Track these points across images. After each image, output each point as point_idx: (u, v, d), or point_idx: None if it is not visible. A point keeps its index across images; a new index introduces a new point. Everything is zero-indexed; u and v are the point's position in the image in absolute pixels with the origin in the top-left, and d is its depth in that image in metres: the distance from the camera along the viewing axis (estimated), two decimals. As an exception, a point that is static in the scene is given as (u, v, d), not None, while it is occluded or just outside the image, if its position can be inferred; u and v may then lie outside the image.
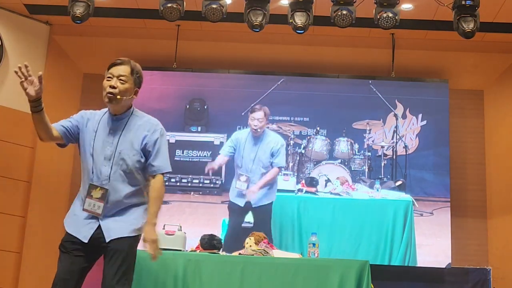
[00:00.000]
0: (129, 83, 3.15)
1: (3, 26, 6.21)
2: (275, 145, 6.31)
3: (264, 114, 6.36)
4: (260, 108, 6.40)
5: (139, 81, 3.23)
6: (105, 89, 3.11)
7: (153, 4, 5.61)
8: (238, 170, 6.34)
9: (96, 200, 3.06)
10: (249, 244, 4.17)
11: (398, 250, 6.21)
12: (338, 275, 3.80)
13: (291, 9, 5.27)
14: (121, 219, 3.09)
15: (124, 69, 3.17)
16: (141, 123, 3.19)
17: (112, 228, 3.06)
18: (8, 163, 6.08)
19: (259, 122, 6.32)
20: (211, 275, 3.84)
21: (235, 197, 6.33)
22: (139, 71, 3.25)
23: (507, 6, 5.74)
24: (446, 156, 6.57)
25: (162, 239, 4.08)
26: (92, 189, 3.07)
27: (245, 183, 6.26)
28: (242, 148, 6.34)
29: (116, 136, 3.12)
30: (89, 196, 3.07)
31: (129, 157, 3.11)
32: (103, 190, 3.06)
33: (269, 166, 6.30)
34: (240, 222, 6.29)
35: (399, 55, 6.58)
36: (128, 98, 3.15)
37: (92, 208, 3.06)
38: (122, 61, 3.20)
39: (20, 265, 5.99)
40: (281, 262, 3.93)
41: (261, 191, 6.28)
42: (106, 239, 3.04)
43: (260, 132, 6.35)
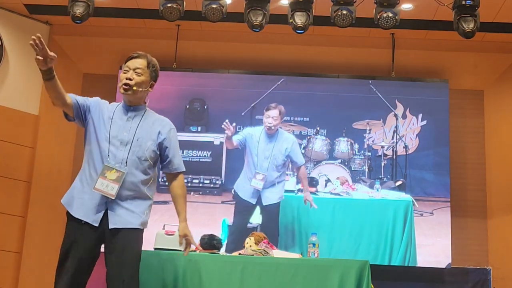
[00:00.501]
0: (145, 75, 3.26)
1: (3, 26, 6.21)
2: (289, 145, 6.23)
3: (279, 113, 6.31)
4: (275, 106, 6.33)
5: (155, 74, 3.35)
6: (122, 81, 3.21)
7: (153, 4, 5.61)
8: (251, 168, 6.23)
9: (111, 181, 3.06)
10: (249, 244, 4.16)
11: (398, 250, 6.21)
12: (338, 275, 3.80)
13: (291, 9, 5.27)
14: (131, 208, 3.10)
15: (141, 62, 3.27)
16: (156, 118, 3.33)
17: (119, 214, 3.07)
18: (8, 163, 6.08)
19: (274, 120, 6.26)
20: (211, 275, 3.83)
21: (246, 194, 6.22)
22: (155, 64, 3.37)
23: (507, 6, 5.75)
24: (446, 156, 6.57)
25: (162, 239, 4.10)
26: (106, 170, 3.08)
27: (261, 181, 6.16)
28: (256, 146, 6.28)
29: (134, 124, 3.19)
30: (103, 177, 3.07)
31: (146, 145, 3.19)
32: (120, 173, 3.08)
33: (282, 166, 6.25)
34: (247, 220, 6.26)
35: (399, 55, 6.58)
36: (144, 90, 3.26)
37: (105, 188, 3.05)
38: (138, 54, 3.30)
39: (20, 265, 5.99)
40: (281, 262, 3.92)
41: (271, 189, 6.22)
42: (110, 225, 3.03)
43: (274, 131, 6.30)
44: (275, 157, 6.23)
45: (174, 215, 6.84)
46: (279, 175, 6.28)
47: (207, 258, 3.94)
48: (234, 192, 6.36)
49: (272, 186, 6.25)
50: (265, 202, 6.21)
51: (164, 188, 6.59)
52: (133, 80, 3.19)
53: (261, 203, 6.23)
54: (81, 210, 3.07)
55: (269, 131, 6.26)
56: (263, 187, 6.17)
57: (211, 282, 3.81)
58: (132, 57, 3.27)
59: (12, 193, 6.06)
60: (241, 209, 6.29)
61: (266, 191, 6.22)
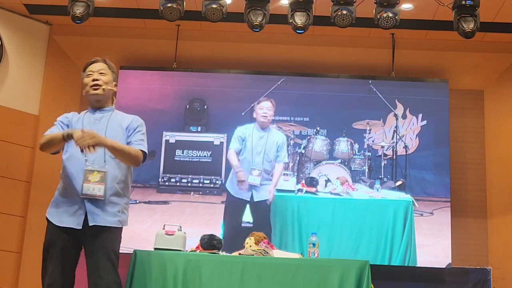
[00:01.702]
0: (108, 75, 3.41)
1: (3, 26, 6.21)
2: (279, 140, 6.40)
3: (272, 104, 6.42)
4: (267, 98, 6.44)
5: (115, 75, 3.49)
6: (88, 84, 3.35)
7: (153, 4, 5.61)
8: (244, 165, 6.33)
9: (95, 183, 3.16)
10: (249, 244, 4.16)
11: (398, 250, 6.20)
12: (338, 275, 3.80)
13: (291, 9, 5.27)
14: (108, 207, 3.20)
15: (102, 65, 3.44)
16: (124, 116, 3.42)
17: (97, 213, 3.16)
18: (8, 163, 6.08)
19: (268, 110, 6.38)
20: (211, 275, 3.83)
21: (238, 192, 6.32)
22: (113, 66, 3.52)
23: (507, 6, 5.75)
24: (446, 156, 6.57)
25: (162, 239, 4.10)
26: (88, 174, 3.19)
27: (258, 177, 6.25)
28: (250, 143, 6.35)
29: (103, 125, 3.29)
30: (87, 181, 3.18)
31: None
32: (102, 173, 3.19)
33: (272, 161, 6.33)
34: (239, 219, 6.30)
35: (399, 55, 6.58)
36: (111, 89, 3.39)
37: (92, 191, 3.16)
38: (96, 59, 3.47)
39: (20, 265, 5.99)
40: (281, 262, 3.93)
41: (263, 185, 6.31)
42: (90, 223, 3.13)
43: (267, 124, 6.38)
44: (266, 152, 6.30)
45: (174, 215, 6.90)
46: (270, 171, 6.33)
47: (207, 258, 3.94)
48: (227, 191, 6.38)
49: (263, 182, 6.30)
50: (257, 198, 6.28)
51: (164, 188, 6.60)
52: (100, 80, 3.34)
53: (252, 200, 6.26)
54: (62, 219, 3.20)
55: (263, 124, 6.39)
56: (261, 182, 6.25)
57: (211, 282, 3.81)
58: (91, 62, 3.44)
59: (12, 193, 6.06)
60: (232, 208, 6.36)
61: (259, 187, 6.26)
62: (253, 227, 6.11)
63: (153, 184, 6.61)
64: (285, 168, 6.52)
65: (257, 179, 6.25)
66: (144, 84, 6.82)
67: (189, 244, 4.33)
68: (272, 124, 6.63)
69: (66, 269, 3.20)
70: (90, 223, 3.14)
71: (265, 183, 6.34)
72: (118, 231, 3.26)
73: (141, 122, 3.42)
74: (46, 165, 6.33)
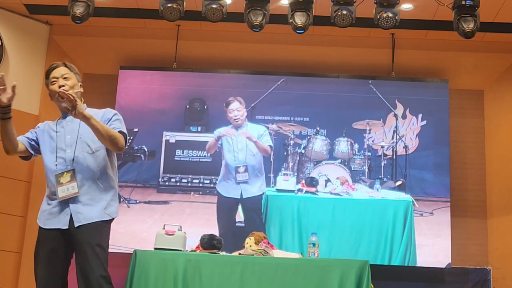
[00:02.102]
0: (72, 79, 3.40)
1: (3, 26, 6.21)
2: (260, 131, 6.49)
3: (239, 103, 6.53)
4: (234, 99, 6.55)
5: (78, 76, 3.48)
6: (55, 91, 3.33)
7: (153, 4, 5.61)
8: (228, 166, 6.41)
9: (67, 183, 3.20)
10: (249, 244, 4.17)
11: (398, 250, 6.21)
12: (338, 275, 3.80)
13: (291, 9, 5.27)
14: (92, 203, 3.21)
15: (62, 69, 3.42)
16: (96, 111, 3.40)
17: (82, 211, 3.18)
18: (8, 163, 6.06)
19: (238, 111, 6.45)
20: (211, 275, 3.84)
21: (228, 191, 6.38)
22: (75, 67, 3.50)
23: (507, 6, 5.75)
24: (446, 156, 6.58)
25: (162, 239, 4.10)
26: (59, 177, 3.24)
27: (245, 173, 6.32)
28: (230, 144, 6.40)
29: (75, 124, 3.30)
30: (59, 185, 3.22)
31: (90, 139, 3.27)
32: (70, 172, 3.22)
33: (255, 154, 6.41)
34: (232, 218, 6.33)
35: (399, 55, 6.58)
36: (78, 92, 3.38)
37: (67, 192, 3.20)
38: (57, 64, 3.45)
39: (20, 265, 5.99)
40: (281, 262, 3.93)
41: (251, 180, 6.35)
42: (75, 223, 3.15)
43: (242, 122, 6.42)
44: (249, 148, 6.36)
45: (174, 215, 6.90)
46: (258, 166, 6.37)
47: (207, 258, 3.94)
48: (218, 193, 6.42)
49: (255, 177, 6.35)
50: (246, 194, 6.33)
51: (164, 188, 6.61)
52: (66, 85, 3.32)
53: (242, 197, 6.32)
54: (49, 221, 3.25)
55: (237, 124, 6.44)
56: (249, 177, 6.32)
57: (211, 282, 3.81)
58: (52, 68, 3.41)
59: (13, 193, 6.06)
60: (224, 208, 6.40)
61: (245, 184, 6.35)
62: (244, 226, 6.15)
63: (153, 184, 6.61)
64: (285, 168, 6.53)
65: (245, 174, 6.33)
66: (144, 84, 6.83)
67: (189, 244, 4.33)
68: (272, 124, 6.64)
69: (56, 271, 3.20)
70: (76, 224, 3.15)
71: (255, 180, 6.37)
72: (106, 224, 3.25)
73: (114, 112, 3.42)
74: (46, 165, 6.33)
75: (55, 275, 3.19)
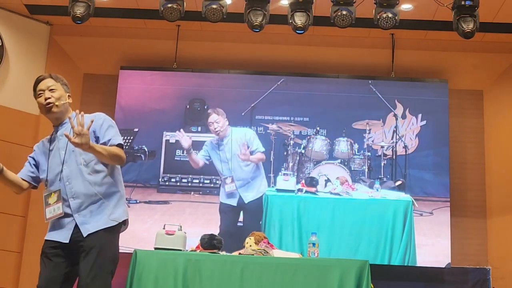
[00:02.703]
0: (59, 90, 3.33)
1: (4, 26, 6.22)
2: (246, 136, 6.52)
3: (218, 114, 6.56)
4: (212, 111, 6.61)
5: (66, 87, 3.39)
6: (42, 103, 3.32)
7: (153, 4, 5.62)
8: (222, 176, 6.48)
9: (54, 203, 3.17)
10: (249, 244, 4.17)
11: (398, 250, 6.21)
12: (338, 275, 3.81)
13: (291, 9, 5.28)
14: (97, 212, 3.15)
15: (49, 80, 3.35)
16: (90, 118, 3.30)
17: (88, 222, 3.12)
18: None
19: (217, 123, 6.54)
20: (211, 275, 3.84)
21: (226, 198, 6.45)
22: (62, 78, 3.41)
23: (506, 6, 5.76)
24: (446, 156, 6.58)
25: (162, 238, 4.11)
26: (47, 198, 3.21)
27: (232, 183, 6.41)
28: (214, 156, 6.50)
29: (65, 139, 3.18)
30: (47, 206, 3.20)
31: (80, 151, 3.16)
32: (56, 192, 3.18)
33: (247, 159, 6.43)
34: (233, 221, 6.36)
35: (399, 55, 6.59)
36: (65, 103, 3.33)
37: (53, 213, 3.17)
38: (43, 76, 3.38)
39: (20, 265, 6.00)
40: (281, 262, 3.94)
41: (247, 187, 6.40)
42: (84, 234, 3.09)
43: (225, 132, 6.50)
44: (236, 154, 6.42)
45: (174, 215, 6.89)
46: (250, 171, 6.41)
47: (207, 258, 3.94)
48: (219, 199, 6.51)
49: (247, 184, 6.36)
50: (247, 200, 6.40)
51: (164, 188, 6.61)
52: (52, 97, 3.29)
53: (243, 203, 6.38)
54: (53, 234, 3.22)
55: (220, 135, 6.51)
56: (238, 186, 6.38)
57: (211, 282, 3.82)
58: (38, 81, 3.36)
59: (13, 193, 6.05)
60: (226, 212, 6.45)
61: (244, 191, 6.39)
62: (243, 226, 6.17)
63: (153, 184, 6.62)
64: (285, 168, 6.54)
65: (232, 185, 6.42)
66: (144, 84, 6.83)
67: (189, 244, 4.34)
68: (272, 124, 6.64)
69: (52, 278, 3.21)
70: (84, 234, 3.09)
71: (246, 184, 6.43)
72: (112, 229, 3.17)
73: (103, 116, 3.31)
74: (47, 165, 6.34)
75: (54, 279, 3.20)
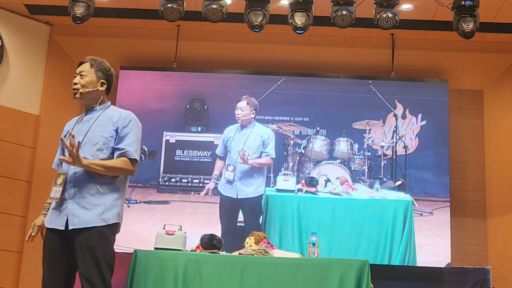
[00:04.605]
0: (89, 76, 3.33)
1: (4, 26, 6.22)
2: (265, 135, 6.46)
3: (246, 103, 6.51)
4: (244, 98, 6.53)
5: (101, 73, 3.37)
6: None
7: (153, 4, 5.62)
8: (227, 162, 6.44)
9: (58, 186, 3.17)
10: (249, 244, 4.17)
11: (397, 250, 6.21)
12: (338, 275, 3.81)
13: (291, 9, 5.28)
14: (90, 206, 3.11)
15: (84, 65, 3.37)
16: (113, 114, 3.31)
17: (78, 215, 3.10)
18: (8, 163, 6.09)
19: (242, 111, 6.48)
20: (211, 275, 3.84)
21: (225, 190, 6.40)
22: (100, 64, 3.41)
23: (506, 6, 5.76)
24: (446, 156, 6.58)
25: (162, 238, 4.11)
26: (57, 177, 3.20)
27: (232, 172, 6.36)
28: (230, 141, 6.44)
29: (88, 126, 3.23)
30: (54, 184, 3.19)
31: (98, 144, 3.18)
32: (64, 175, 3.17)
33: (246, 163, 6.39)
34: (234, 218, 6.34)
35: (399, 55, 6.59)
36: (93, 90, 3.31)
37: (55, 194, 3.17)
38: (83, 60, 3.41)
39: (20, 265, 6.00)
40: (281, 262, 3.94)
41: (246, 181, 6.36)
42: (69, 226, 3.08)
43: (247, 122, 6.43)
44: (249, 147, 6.40)
45: (174, 215, 6.89)
46: (253, 168, 6.37)
47: (207, 258, 3.95)
48: (220, 194, 6.46)
49: (248, 179, 6.34)
50: (240, 195, 6.35)
51: (164, 188, 6.62)
52: (78, 83, 3.29)
53: (237, 196, 6.34)
54: (50, 220, 3.20)
55: (240, 122, 6.45)
56: (234, 178, 6.34)
57: (211, 282, 3.82)
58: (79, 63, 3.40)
59: (13, 193, 6.07)
60: (224, 207, 6.41)
61: (243, 184, 6.35)
62: (244, 226, 6.17)
63: (153, 184, 6.62)
64: (285, 168, 6.54)
65: (231, 174, 6.36)
66: (144, 84, 6.84)
67: (189, 244, 4.34)
68: (272, 124, 6.64)
69: (59, 273, 3.14)
70: (70, 226, 3.08)
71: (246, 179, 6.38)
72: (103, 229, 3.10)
73: (131, 118, 3.27)
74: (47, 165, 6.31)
75: (58, 277, 3.14)
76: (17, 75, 6.28)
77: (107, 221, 3.11)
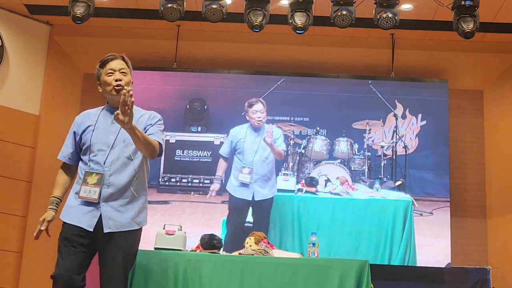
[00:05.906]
0: (129, 74, 3.37)
1: (4, 26, 6.22)
2: (275, 133, 6.46)
3: (263, 106, 6.48)
4: (257, 100, 6.51)
5: (132, 73, 3.44)
6: (111, 83, 3.27)
7: (153, 4, 5.62)
8: (238, 166, 6.38)
9: (92, 186, 3.10)
10: (249, 244, 4.17)
11: (397, 250, 6.22)
12: (338, 275, 3.81)
13: (291, 9, 5.28)
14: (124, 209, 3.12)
15: (121, 62, 3.37)
16: (142, 113, 3.35)
17: (113, 218, 3.09)
18: (8, 163, 6.09)
19: (261, 113, 6.44)
20: (211, 275, 3.84)
21: (239, 192, 6.35)
22: (130, 64, 3.46)
23: (506, 6, 5.76)
24: (446, 156, 6.58)
25: (162, 238, 4.10)
26: (87, 176, 3.13)
27: (248, 175, 6.31)
28: (242, 142, 6.39)
29: (118, 125, 3.12)
30: (85, 183, 3.12)
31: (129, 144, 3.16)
32: (99, 175, 3.11)
33: (267, 158, 6.38)
34: (243, 219, 6.32)
35: (399, 55, 6.59)
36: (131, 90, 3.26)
37: (88, 194, 3.10)
38: (115, 56, 3.37)
39: (20, 265, 6.01)
40: (281, 262, 3.93)
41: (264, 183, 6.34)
42: (105, 229, 3.06)
43: (261, 125, 6.43)
44: (263, 149, 6.35)
45: (174, 215, 6.89)
46: (269, 169, 6.36)
47: (207, 258, 3.94)
48: (229, 194, 6.41)
49: (265, 181, 6.34)
50: (258, 197, 6.32)
51: (164, 188, 6.61)
52: (122, 80, 3.28)
53: (253, 199, 6.30)
54: (74, 217, 3.12)
55: (257, 126, 6.44)
56: (250, 180, 6.31)
57: (211, 282, 3.81)
58: (109, 59, 3.34)
59: (13, 193, 6.07)
60: (236, 208, 6.38)
61: (259, 186, 6.32)
62: (252, 227, 6.14)
63: (153, 184, 6.62)
64: (285, 168, 6.54)
65: (247, 176, 6.32)
66: (144, 84, 6.83)
67: (189, 244, 4.33)
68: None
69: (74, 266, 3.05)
70: (105, 229, 3.06)
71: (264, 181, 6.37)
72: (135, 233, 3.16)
73: (159, 117, 3.35)
74: (47, 165, 6.34)
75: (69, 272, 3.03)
76: (17, 75, 6.28)
77: (140, 224, 3.18)
